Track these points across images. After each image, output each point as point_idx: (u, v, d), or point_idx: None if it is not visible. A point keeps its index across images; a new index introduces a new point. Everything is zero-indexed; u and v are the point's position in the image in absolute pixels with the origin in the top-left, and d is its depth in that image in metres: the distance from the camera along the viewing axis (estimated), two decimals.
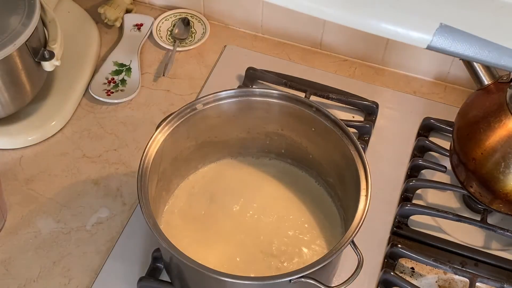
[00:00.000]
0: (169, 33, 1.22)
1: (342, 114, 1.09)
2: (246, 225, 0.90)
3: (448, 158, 0.98)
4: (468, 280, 0.89)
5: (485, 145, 0.87)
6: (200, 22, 1.24)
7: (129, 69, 1.14)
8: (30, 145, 1.04)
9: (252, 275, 0.84)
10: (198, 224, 0.91)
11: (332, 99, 1.10)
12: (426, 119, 1.08)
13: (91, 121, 1.08)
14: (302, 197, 0.94)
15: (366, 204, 0.78)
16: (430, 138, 1.06)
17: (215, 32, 1.23)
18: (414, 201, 0.99)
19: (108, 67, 1.15)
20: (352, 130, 1.02)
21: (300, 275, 0.72)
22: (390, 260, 0.92)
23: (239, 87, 1.11)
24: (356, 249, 0.77)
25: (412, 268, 0.92)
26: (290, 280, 0.72)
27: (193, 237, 0.89)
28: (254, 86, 1.12)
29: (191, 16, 1.24)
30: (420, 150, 1.05)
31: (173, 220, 0.91)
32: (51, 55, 0.99)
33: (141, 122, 1.08)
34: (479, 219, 0.95)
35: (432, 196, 1.00)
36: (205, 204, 0.93)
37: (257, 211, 0.92)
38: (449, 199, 1.01)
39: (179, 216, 0.91)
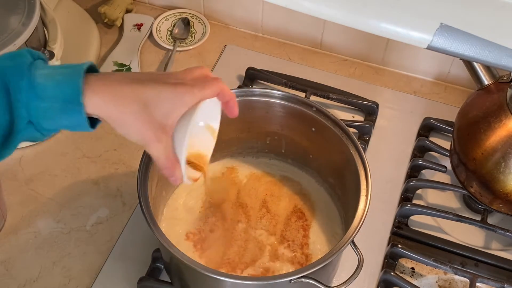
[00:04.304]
0: (169, 33, 1.22)
1: (342, 114, 1.09)
2: (245, 224, 0.90)
3: (448, 158, 0.98)
4: (468, 280, 0.89)
5: (485, 145, 0.87)
6: (200, 22, 1.24)
7: (129, 69, 1.14)
8: (30, 145, 1.04)
9: (251, 275, 0.84)
10: (198, 223, 0.91)
11: (332, 99, 1.10)
12: (426, 119, 1.08)
13: None
14: (302, 197, 0.94)
15: (366, 204, 0.78)
16: (430, 138, 1.06)
17: (215, 32, 1.23)
18: (414, 201, 0.99)
19: (108, 67, 1.15)
20: (352, 130, 1.02)
21: (300, 275, 0.72)
22: (390, 260, 0.92)
23: (239, 87, 1.11)
24: (356, 249, 0.77)
25: (412, 268, 0.92)
26: (290, 280, 0.72)
27: (193, 236, 0.89)
28: (254, 86, 1.12)
29: (191, 16, 1.24)
30: (420, 150, 1.05)
31: (173, 219, 0.91)
32: (51, 55, 0.99)
33: None
34: (479, 219, 0.95)
35: (432, 196, 1.00)
36: (204, 206, 0.92)
37: (257, 211, 0.92)
38: (449, 199, 1.01)
39: (179, 215, 0.91)
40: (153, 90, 0.61)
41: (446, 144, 1.02)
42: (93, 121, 0.62)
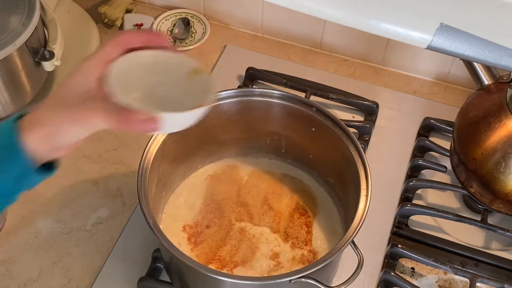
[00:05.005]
0: (169, 33, 1.22)
1: (342, 114, 1.09)
2: (245, 224, 0.90)
3: (448, 158, 0.98)
4: (468, 280, 0.89)
5: (485, 145, 0.87)
6: (200, 22, 1.24)
7: None
8: None
9: (251, 274, 0.84)
10: (196, 217, 0.91)
11: (332, 99, 1.10)
12: (426, 119, 1.08)
13: None
14: (304, 193, 0.94)
15: (366, 204, 0.78)
16: (430, 138, 1.06)
17: (215, 32, 1.23)
18: (414, 201, 0.99)
19: None
20: (352, 130, 1.01)
21: (300, 275, 0.72)
22: (390, 260, 0.92)
23: (239, 87, 1.11)
24: (356, 249, 0.77)
25: (412, 268, 0.92)
26: (290, 280, 0.72)
27: (189, 228, 0.89)
28: (254, 86, 1.12)
29: (191, 16, 1.24)
30: (420, 150, 1.05)
31: (174, 216, 0.91)
32: (51, 55, 0.99)
33: None
34: (479, 219, 0.95)
35: (432, 196, 1.00)
36: (205, 203, 0.93)
37: (259, 208, 0.92)
38: (449, 199, 1.01)
39: (180, 213, 0.91)
40: (62, 82, 0.59)
41: (446, 144, 1.02)
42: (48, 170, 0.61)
